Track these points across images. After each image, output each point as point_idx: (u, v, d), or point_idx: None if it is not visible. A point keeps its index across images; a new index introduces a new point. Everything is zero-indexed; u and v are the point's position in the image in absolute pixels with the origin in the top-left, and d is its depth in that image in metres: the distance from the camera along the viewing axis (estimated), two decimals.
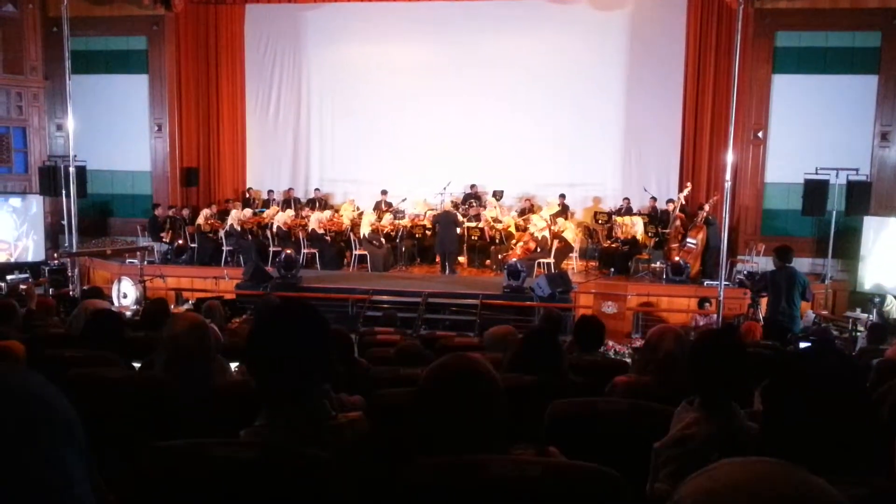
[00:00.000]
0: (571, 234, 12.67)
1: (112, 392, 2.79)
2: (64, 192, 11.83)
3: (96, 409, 2.71)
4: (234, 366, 3.54)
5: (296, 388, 1.76)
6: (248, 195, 15.37)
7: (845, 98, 12.37)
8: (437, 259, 12.89)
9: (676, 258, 11.75)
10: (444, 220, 12.54)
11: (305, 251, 12.89)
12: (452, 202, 14.13)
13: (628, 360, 5.45)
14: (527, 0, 13.99)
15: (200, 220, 13.35)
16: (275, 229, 13.11)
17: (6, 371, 0.88)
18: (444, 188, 14.24)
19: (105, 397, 2.77)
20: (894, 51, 12.19)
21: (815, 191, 11.25)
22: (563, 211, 13.76)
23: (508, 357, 3.43)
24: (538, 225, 12.44)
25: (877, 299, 10.11)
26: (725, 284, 9.43)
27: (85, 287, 10.85)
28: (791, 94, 12.59)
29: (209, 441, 1.61)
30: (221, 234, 13.12)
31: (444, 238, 12.50)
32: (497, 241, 12.98)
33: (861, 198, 11.31)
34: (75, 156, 11.32)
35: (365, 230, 12.72)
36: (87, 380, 2.81)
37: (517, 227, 13.10)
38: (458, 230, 12.80)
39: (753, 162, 12.87)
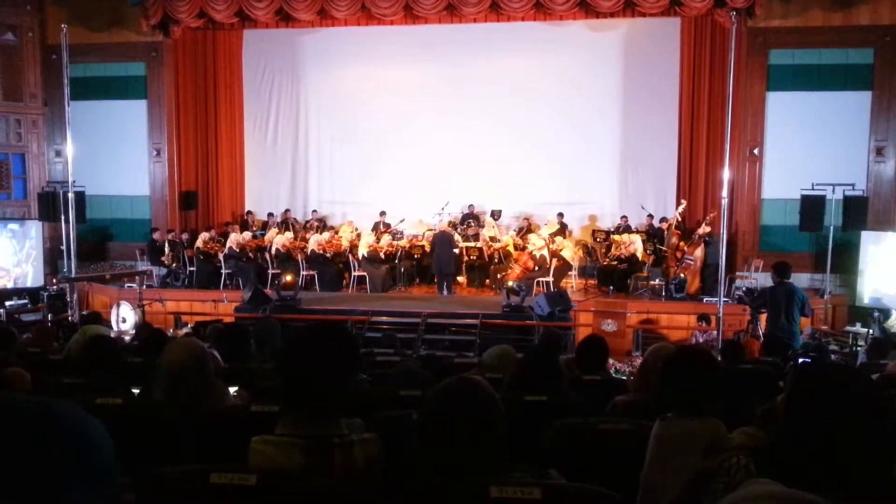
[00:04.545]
0: (570, 252, 12.69)
1: (111, 419, 2.77)
2: (63, 217, 11.84)
3: None
4: (232, 390, 3.52)
5: (319, 404, 1.81)
6: (247, 218, 15.39)
7: (840, 114, 12.45)
8: (436, 279, 12.87)
9: (682, 275, 11.74)
10: (441, 241, 12.54)
11: (304, 273, 12.89)
12: (451, 222, 14.15)
13: (625, 378, 5.43)
14: (522, 21, 14.10)
15: (199, 242, 13.36)
16: (273, 251, 13.11)
17: (63, 406, 0.88)
18: (443, 208, 14.29)
19: (104, 424, 2.75)
20: (887, 67, 12.29)
21: (811, 206, 11.28)
22: (562, 229, 13.80)
23: (508, 377, 3.42)
24: (537, 244, 12.45)
25: (876, 314, 10.09)
26: (725, 301, 9.44)
27: (84, 312, 10.84)
28: (786, 111, 12.66)
29: (208, 467, 1.61)
30: (220, 256, 13.13)
31: (441, 259, 12.49)
32: (496, 260, 12.98)
33: (858, 212, 11.34)
34: (74, 181, 11.36)
35: (363, 251, 12.73)
36: (85, 407, 2.80)
37: (516, 247, 13.12)
38: (456, 250, 12.80)
39: (750, 178, 12.92)
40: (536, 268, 12.29)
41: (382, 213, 14.62)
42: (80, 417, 0.87)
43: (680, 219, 12.71)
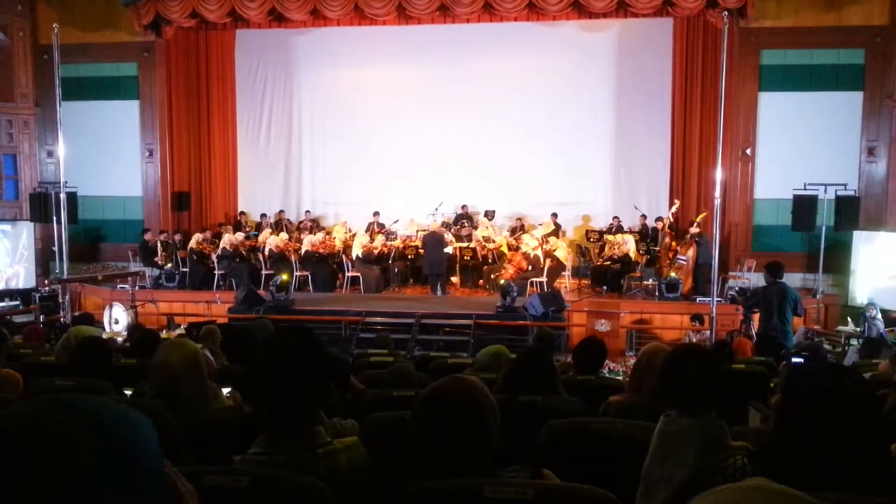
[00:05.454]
0: (563, 252, 12.70)
1: None
2: (55, 218, 11.79)
3: None
4: (225, 391, 3.51)
5: (294, 416, 1.77)
6: (240, 219, 15.35)
7: (831, 114, 12.51)
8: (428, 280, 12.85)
9: (672, 274, 11.77)
10: (431, 241, 12.52)
11: (298, 274, 12.86)
12: (444, 223, 14.15)
13: (619, 378, 5.44)
14: (515, 22, 14.11)
15: (193, 243, 13.32)
16: (267, 252, 13.08)
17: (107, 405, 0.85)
18: (436, 209, 14.29)
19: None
20: (878, 67, 12.36)
21: (804, 206, 11.32)
22: (556, 230, 13.81)
23: (502, 377, 3.42)
24: (530, 244, 12.46)
25: (868, 314, 10.14)
26: (718, 301, 9.46)
27: (76, 313, 10.79)
28: (778, 111, 12.72)
29: (201, 469, 1.60)
30: (213, 257, 13.08)
31: (431, 259, 12.47)
32: (489, 260, 12.99)
33: (850, 212, 11.39)
34: (66, 182, 11.31)
35: (357, 252, 12.71)
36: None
37: (509, 247, 13.12)
38: (450, 250, 12.79)
39: (742, 178, 12.96)
40: (530, 268, 12.30)
41: (376, 214, 14.61)
42: (112, 414, 0.83)
43: (673, 219, 12.74)
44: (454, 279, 13.30)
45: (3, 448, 0.77)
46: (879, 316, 9.94)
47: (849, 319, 10.85)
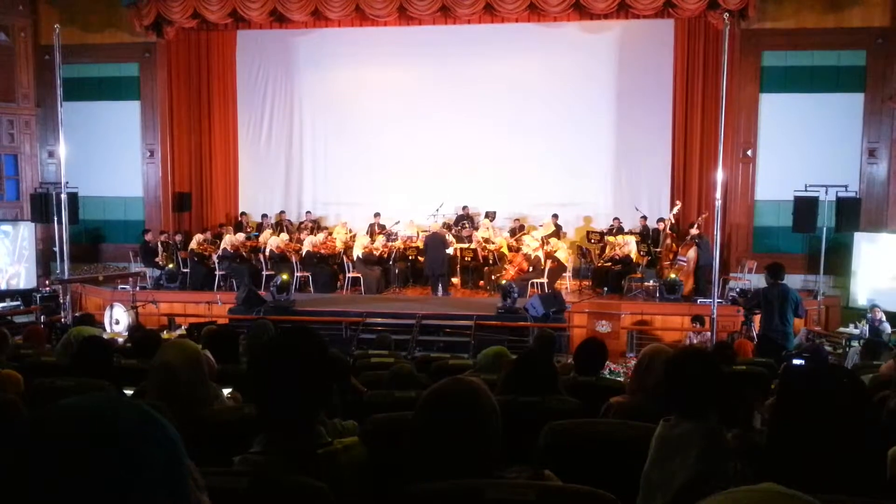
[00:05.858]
0: (564, 253, 12.69)
1: None
2: (56, 218, 11.79)
3: None
4: (226, 392, 3.51)
5: (295, 416, 1.76)
6: (241, 220, 15.36)
7: (832, 116, 12.50)
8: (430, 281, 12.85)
9: (673, 275, 11.76)
10: (433, 242, 12.53)
11: (299, 275, 12.86)
12: (445, 223, 14.15)
13: (620, 379, 5.44)
14: (516, 23, 14.11)
15: (193, 244, 13.32)
16: (268, 253, 13.08)
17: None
18: (437, 210, 14.28)
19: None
20: (879, 69, 12.35)
21: (805, 207, 11.32)
22: (556, 231, 13.81)
23: (502, 378, 3.42)
24: (531, 245, 12.46)
25: (869, 315, 10.13)
26: (718, 302, 9.45)
27: (77, 314, 10.79)
28: (779, 113, 12.71)
29: (201, 470, 1.60)
30: (214, 258, 13.08)
31: (433, 260, 12.47)
32: (490, 261, 12.98)
33: (851, 214, 11.39)
34: (67, 182, 11.32)
35: (358, 252, 12.71)
36: None
37: (510, 248, 13.11)
38: (451, 251, 12.79)
39: (743, 180, 12.96)
40: (531, 269, 12.30)
41: (377, 215, 14.61)
42: (115, 411, 0.82)
43: (674, 220, 12.73)
44: (455, 280, 13.30)
45: (2, 449, 0.77)
46: (884, 318, 9.91)
47: (856, 322, 10.81)
